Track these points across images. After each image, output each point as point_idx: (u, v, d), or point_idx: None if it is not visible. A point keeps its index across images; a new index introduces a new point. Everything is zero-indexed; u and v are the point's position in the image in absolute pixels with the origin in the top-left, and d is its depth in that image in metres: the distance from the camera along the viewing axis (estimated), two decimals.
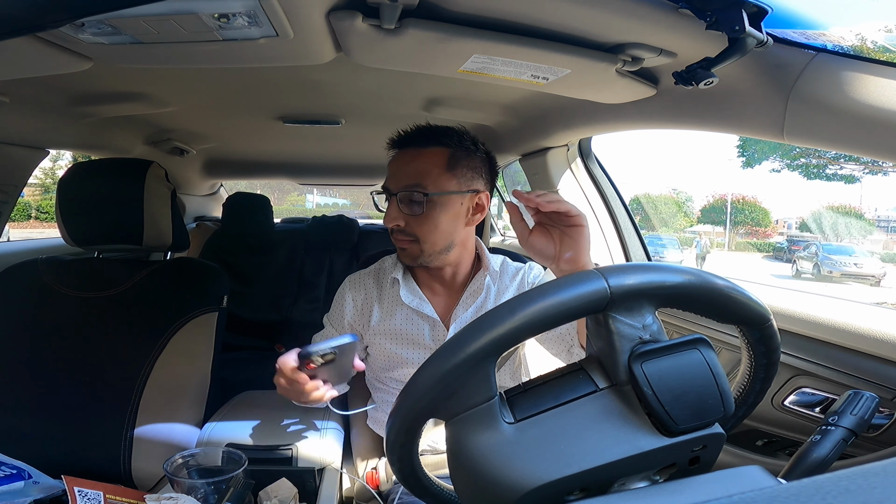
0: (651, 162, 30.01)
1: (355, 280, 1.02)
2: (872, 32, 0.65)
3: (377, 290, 1.00)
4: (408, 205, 0.88)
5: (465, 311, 0.95)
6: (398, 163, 0.91)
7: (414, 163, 0.89)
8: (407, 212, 0.89)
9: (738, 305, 0.47)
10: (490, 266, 0.97)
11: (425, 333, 0.96)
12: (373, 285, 1.01)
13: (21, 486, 0.82)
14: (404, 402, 0.45)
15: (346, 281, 1.03)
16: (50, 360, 1.04)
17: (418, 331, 0.96)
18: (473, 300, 0.95)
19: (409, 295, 0.96)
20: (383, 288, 1.00)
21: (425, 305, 0.95)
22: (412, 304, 0.95)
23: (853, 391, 0.51)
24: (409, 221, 0.89)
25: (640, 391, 0.42)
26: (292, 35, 0.68)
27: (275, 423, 0.96)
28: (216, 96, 1.31)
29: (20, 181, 1.37)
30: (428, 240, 0.90)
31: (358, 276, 1.03)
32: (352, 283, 1.02)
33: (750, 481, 0.38)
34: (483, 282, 0.95)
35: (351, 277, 1.03)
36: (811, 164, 11.72)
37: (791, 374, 0.88)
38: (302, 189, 15.63)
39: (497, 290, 0.98)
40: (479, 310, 0.95)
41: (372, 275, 1.02)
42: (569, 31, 0.73)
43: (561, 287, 0.42)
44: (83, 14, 0.58)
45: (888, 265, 10.14)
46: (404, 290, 0.96)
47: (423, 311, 0.95)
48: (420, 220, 0.89)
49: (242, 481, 0.73)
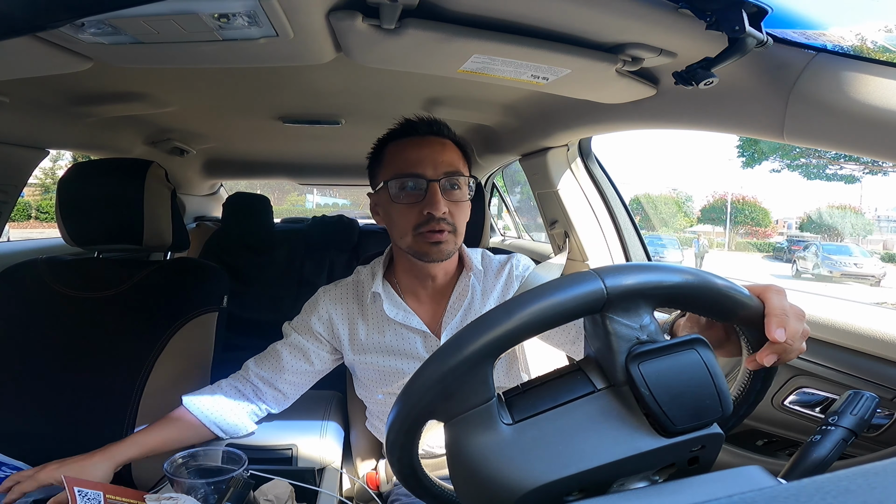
0: (651, 162, 30.04)
1: (334, 295, 0.95)
2: (872, 32, 0.65)
3: (358, 305, 0.93)
4: (449, 192, 0.84)
5: (453, 317, 0.91)
6: (429, 150, 0.84)
7: (445, 151, 0.85)
8: (448, 199, 0.83)
9: (736, 304, 0.47)
10: (473, 265, 0.92)
11: (418, 346, 0.91)
12: (353, 300, 0.94)
13: None
14: (404, 402, 0.45)
15: (321, 293, 0.96)
16: (50, 360, 1.04)
17: (411, 345, 0.91)
18: (460, 304, 0.91)
19: (393, 308, 0.90)
20: (364, 303, 0.93)
21: (412, 318, 0.90)
22: (398, 318, 0.90)
23: (853, 391, 0.51)
24: (451, 210, 0.83)
25: (637, 392, 0.42)
26: (292, 35, 0.68)
27: (275, 423, 0.96)
28: (216, 96, 1.31)
29: (20, 181, 1.37)
30: (461, 230, 0.86)
31: (336, 290, 0.96)
32: (330, 297, 0.95)
33: (750, 481, 0.38)
34: (468, 283, 0.92)
35: (328, 291, 0.96)
36: (811, 164, 11.73)
37: (791, 374, 0.88)
38: (302, 189, 15.63)
39: (482, 288, 0.93)
40: (466, 313, 0.91)
41: (350, 289, 0.95)
42: (569, 31, 0.73)
43: (558, 288, 0.42)
44: (83, 14, 0.58)
45: (888, 265, 10.14)
46: (388, 305, 0.90)
47: (411, 325, 0.90)
48: (460, 207, 0.85)
49: (242, 481, 0.73)
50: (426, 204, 0.82)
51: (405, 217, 0.84)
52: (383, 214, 0.90)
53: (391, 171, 0.85)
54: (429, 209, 0.82)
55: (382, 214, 0.90)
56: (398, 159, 0.85)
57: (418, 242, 0.84)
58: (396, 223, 0.86)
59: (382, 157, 0.89)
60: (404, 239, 0.86)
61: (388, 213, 0.87)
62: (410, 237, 0.84)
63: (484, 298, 0.93)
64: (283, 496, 0.77)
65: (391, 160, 0.86)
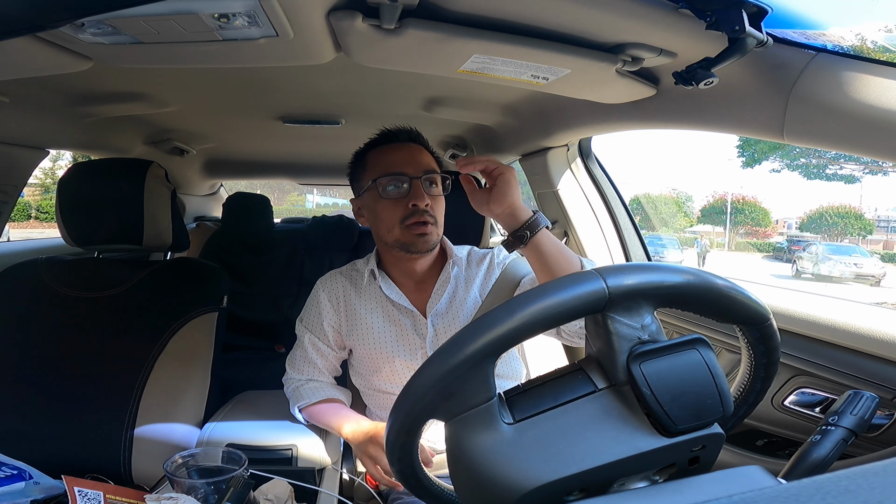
0: (651, 162, 30.03)
1: (327, 281, 1.03)
2: (872, 32, 0.65)
3: (353, 287, 1.01)
4: (428, 188, 0.93)
5: (437, 301, 0.97)
6: (409, 153, 0.94)
7: (423, 155, 0.96)
8: (428, 194, 0.92)
9: (737, 305, 0.47)
10: (455, 254, 1.01)
11: (407, 325, 0.98)
12: (347, 283, 1.02)
13: (22, 486, 0.81)
14: (404, 402, 0.45)
15: (317, 283, 1.04)
16: (50, 360, 1.04)
17: (401, 323, 0.98)
18: (444, 289, 0.98)
19: (388, 288, 0.98)
20: (359, 285, 1.01)
21: (403, 298, 0.98)
22: (391, 295, 0.98)
23: (853, 391, 0.51)
24: (431, 203, 0.93)
25: (638, 391, 0.42)
26: (292, 35, 0.68)
27: (275, 423, 0.96)
28: (216, 96, 1.31)
29: (20, 181, 1.37)
30: (440, 222, 0.95)
31: (329, 277, 1.04)
32: (324, 284, 1.03)
33: (750, 481, 0.38)
34: (451, 272, 0.99)
35: (322, 279, 1.04)
36: (811, 164, 11.74)
37: (791, 374, 0.88)
38: (302, 189, 15.63)
39: (466, 276, 1.01)
40: (451, 298, 0.98)
41: (344, 274, 1.04)
42: (569, 31, 0.73)
43: (559, 287, 0.42)
44: (83, 14, 0.58)
45: (888, 265, 10.14)
46: (383, 284, 0.98)
47: (402, 304, 0.98)
48: (438, 201, 0.95)
49: (242, 481, 0.73)
50: (411, 197, 0.91)
51: (392, 212, 0.92)
52: (369, 214, 0.98)
53: (377, 171, 0.93)
54: (414, 201, 0.90)
55: (368, 214, 0.98)
56: (383, 162, 0.94)
57: (406, 234, 0.92)
58: (384, 219, 0.93)
59: (365, 162, 0.97)
60: (392, 233, 0.93)
61: (375, 211, 0.95)
62: (398, 230, 0.92)
63: (468, 286, 1.00)
64: (283, 496, 0.77)
65: (375, 163, 0.95)
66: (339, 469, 0.93)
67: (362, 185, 0.96)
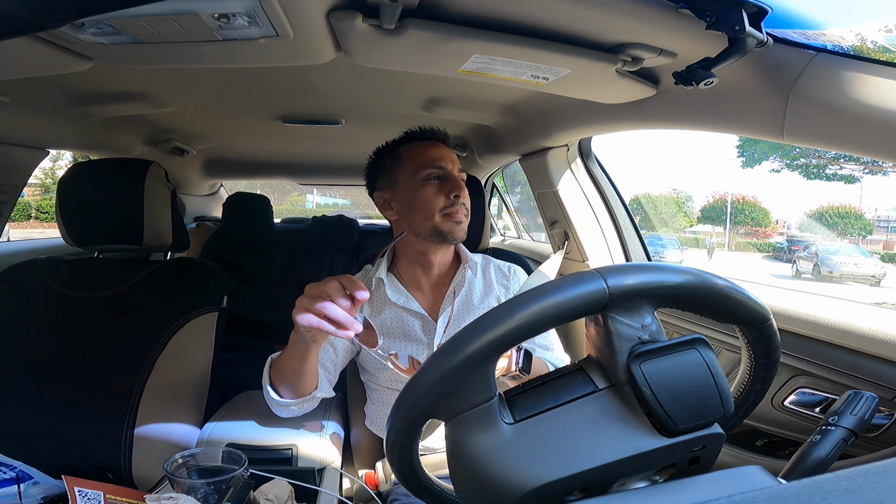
0: (651, 162, 29.97)
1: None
2: (872, 32, 0.65)
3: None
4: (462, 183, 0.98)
5: (449, 304, 0.99)
6: (445, 150, 0.99)
7: (453, 154, 1.01)
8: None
9: (737, 305, 0.47)
10: (469, 258, 1.03)
11: (416, 329, 0.98)
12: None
13: (22, 486, 0.81)
14: (404, 402, 0.45)
15: None
16: (50, 360, 1.04)
17: (409, 326, 0.99)
18: (458, 291, 1.00)
19: (395, 294, 0.99)
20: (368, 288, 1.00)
21: (412, 303, 0.99)
22: (399, 301, 0.99)
23: (853, 391, 0.51)
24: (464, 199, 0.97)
25: (639, 391, 0.42)
26: (292, 35, 0.68)
27: (275, 423, 0.96)
28: (216, 96, 1.31)
29: (20, 181, 1.37)
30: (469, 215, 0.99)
31: None
32: None
33: (750, 481, 0.38)
34: (465, 275, 1.01)
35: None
36: (811, 164, 11.73)
37: (791, 374, 0.88)
38: (302, 189, 15.62)
39: (484, 282, 1.03)
40: (464, 302, 1.00)
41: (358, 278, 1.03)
42: (569, 31, 0.73)
43: (559, 288, 0.42)
44: (83, 14, 0.58)
45: (888, 265, 10.14)
46: (390, 290, 0.99)
47: (410, 308, 0.99)
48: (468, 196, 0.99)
49: (242, 481, 0.73)
50: (452, 188, 0.95)
51: (433, 201, 0.95)
52: (401, 205, 0.99)
53: (419, 163, 0.97)
54: (456, 192, 0.95)
55: (400, 205, 0.99)
56: (423, 156, 0.98)
57: (445, 222, 0.95)
58: (422, 208, 0.96)
59: (398, 156, 1.00)
60: (430, 220, 0.95)
61: (413, 200, 0.96)
62: (438, 217, 0.95)
63: (486, 291, 1.02)
64: (283, 496, 0.77)
65: (413, 157, 0.98)
66: (339, 469, 0.93)
67: (395, 178, 0.99)
